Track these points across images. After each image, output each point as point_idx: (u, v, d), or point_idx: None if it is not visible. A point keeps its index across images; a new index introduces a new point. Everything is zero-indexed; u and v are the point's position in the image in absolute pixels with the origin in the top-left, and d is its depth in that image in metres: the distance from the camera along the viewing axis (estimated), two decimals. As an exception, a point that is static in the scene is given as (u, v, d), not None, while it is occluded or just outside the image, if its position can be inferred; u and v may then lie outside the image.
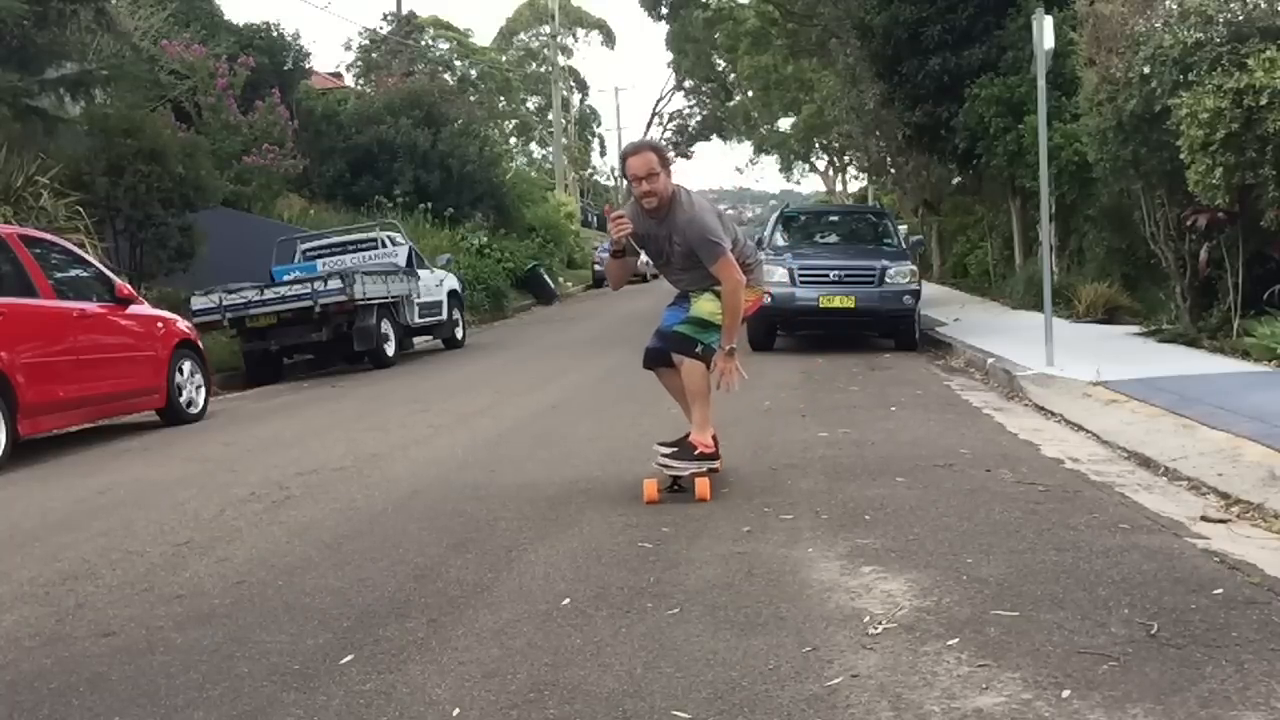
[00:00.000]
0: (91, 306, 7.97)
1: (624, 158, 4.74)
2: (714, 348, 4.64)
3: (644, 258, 5.16)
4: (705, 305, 4.67)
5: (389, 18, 35.80)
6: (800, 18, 23.67)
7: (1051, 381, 7.36)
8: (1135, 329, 10.46)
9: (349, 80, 32.56)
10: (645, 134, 54.20)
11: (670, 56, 45.01)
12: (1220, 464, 4.57)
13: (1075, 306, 11.84)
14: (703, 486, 4.56)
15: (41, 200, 11.26)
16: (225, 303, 11.75)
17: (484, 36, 57.69)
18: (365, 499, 5.03)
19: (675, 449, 4.69)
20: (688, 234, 4.56)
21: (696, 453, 4.65)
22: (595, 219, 49.41)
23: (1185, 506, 4.13)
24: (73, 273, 8.23)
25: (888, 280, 11.20)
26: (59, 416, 7.55)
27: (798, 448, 5.71)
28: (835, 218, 15.11)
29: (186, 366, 8.86)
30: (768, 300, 11.56)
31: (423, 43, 38.53)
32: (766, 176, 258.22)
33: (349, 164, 22.33)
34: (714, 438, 4.80)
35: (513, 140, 48.51)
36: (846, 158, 40.82)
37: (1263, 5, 8.54)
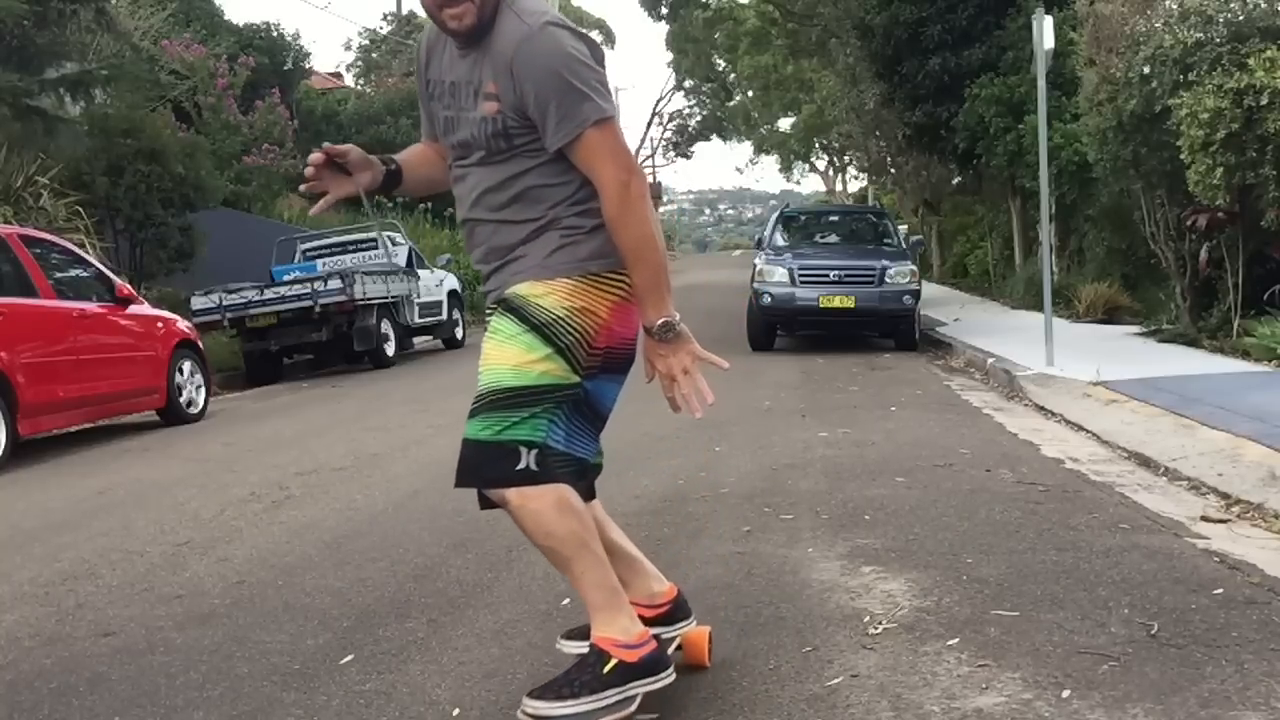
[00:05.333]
0: (91, 306, 7.97)
1: None
2: (551, 442, 2.21)
3: None
4: (503, 352, 2.19)
5: (389, 18, 35.81)
6: (800, 18, 23.68)
7: (1051, 381, 7.36)
8: (1135, 329, 10.46)
9: (349, 80, 32.57)
10: (645, 134, 54.02)
11: (670, 56, 45.00)
12: (1220, 464, 4.57)
13: (1075, 306, 11.85)
14: None
15: (41, 200, 11.27)
16: (225, 303, 11.76)
17: (484, 36, 57.50)
18: (365, 499, 5.03)
19: (572, 664, 2.30)
20: (516, 68, 2.13)
21: (609, 668, 2.22)
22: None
23: (1185, 506, 4.13)
24: (73, 273, 8.23)
25: (888, 280, 11.21)
26: (59, 416, 7.55)
27: (798, 448, 5.71)
28: (835, 218, 15.13)
29: (186, 366, 8.86)
30: (767, 301, 11.71)
31: (423, 43, 38.49)
32: (766, 176, 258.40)
33: (349, 164, 22.33)
34: (672, 601, 2.54)
35: (513, 140, 48.37)
36: (846, 158, 40.81)
37: (1263, 5, 8.54)
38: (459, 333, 14.94)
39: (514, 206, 2.25)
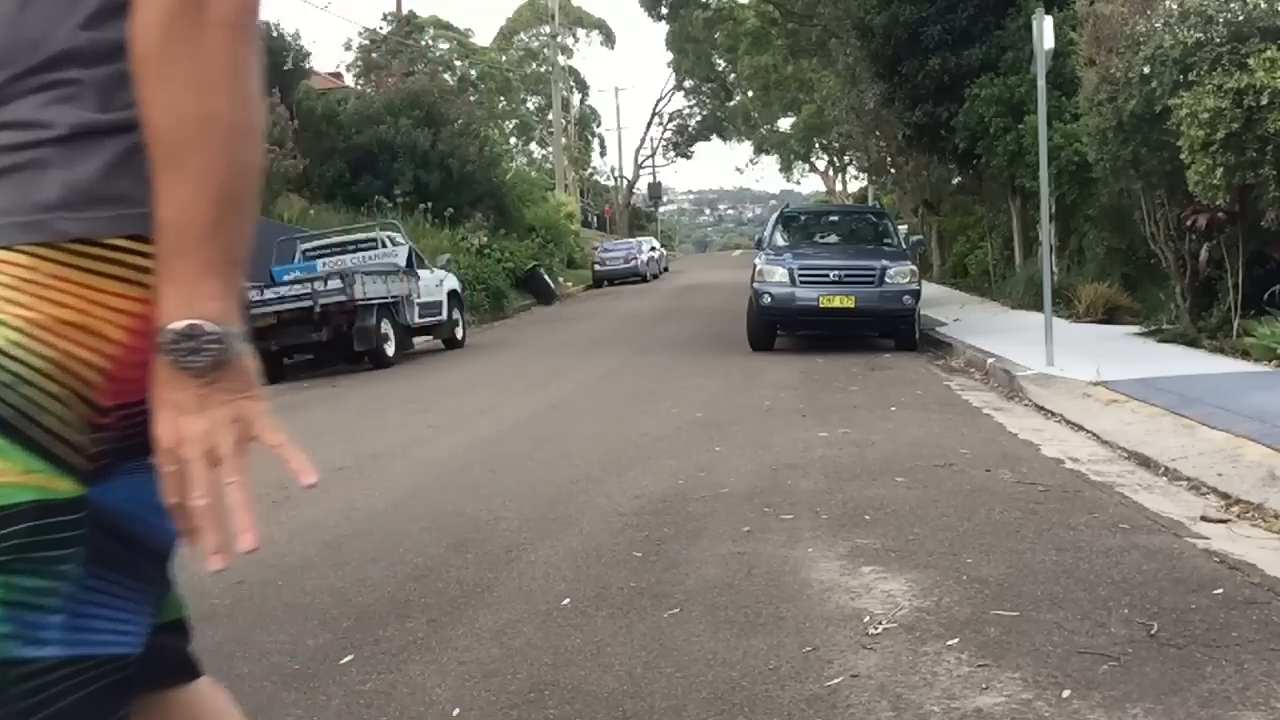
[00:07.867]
0: (91, 306, 7.97)
1: None
2: (28, 650, 0.85)
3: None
4: None
5: (389, 18, 35.80)
6: (800, 18, 23.70)
7: (1051, 381, 7.35)
8: (1135, 329, 10.45)
9: (349, 80, 32.54)
10: (645, 134, 53.98)
11: (670, 56, 45.06)
12: (1220, 464, 4.57)
13: (1075, 306, 11.85)
14: None
15: (41, 200, 11.27)
16: (225, 303, 11.74)
17: (484, 36, 57.70)
18: (365, 499, 5.03)
19: None
20: None
21: None
22: (595, 219, 49.41)
23: (1185, 506, 4.13)
24: (73, 273, 8.23)
25: (888, 280, 11.22)
26: (59, 416, 7.55)
27: (798, 448, 5.71)
28: (835, 218, 15.12)
29: (186, 366, 8.85)
30: (767, 301, 11.72)
31: (423, 43, 38.53)
32: (766, 176, 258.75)
33: (349, 164, 22.34)
34: None
35: (513, 140, 48.49)
36: (846, 158, 40.85)
37: (1263, 5, 8.54)
38: (459, 333, 14.95)
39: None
